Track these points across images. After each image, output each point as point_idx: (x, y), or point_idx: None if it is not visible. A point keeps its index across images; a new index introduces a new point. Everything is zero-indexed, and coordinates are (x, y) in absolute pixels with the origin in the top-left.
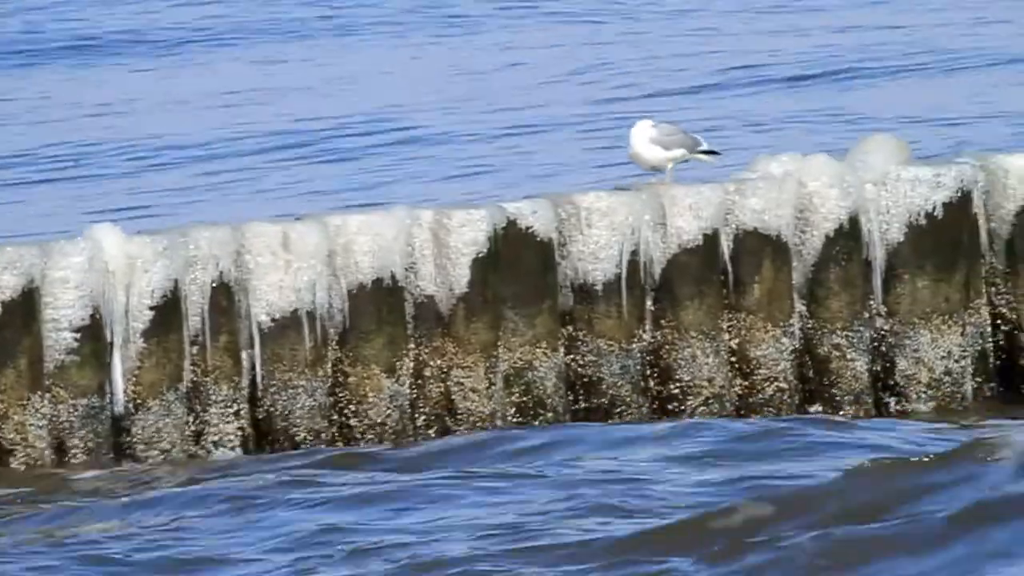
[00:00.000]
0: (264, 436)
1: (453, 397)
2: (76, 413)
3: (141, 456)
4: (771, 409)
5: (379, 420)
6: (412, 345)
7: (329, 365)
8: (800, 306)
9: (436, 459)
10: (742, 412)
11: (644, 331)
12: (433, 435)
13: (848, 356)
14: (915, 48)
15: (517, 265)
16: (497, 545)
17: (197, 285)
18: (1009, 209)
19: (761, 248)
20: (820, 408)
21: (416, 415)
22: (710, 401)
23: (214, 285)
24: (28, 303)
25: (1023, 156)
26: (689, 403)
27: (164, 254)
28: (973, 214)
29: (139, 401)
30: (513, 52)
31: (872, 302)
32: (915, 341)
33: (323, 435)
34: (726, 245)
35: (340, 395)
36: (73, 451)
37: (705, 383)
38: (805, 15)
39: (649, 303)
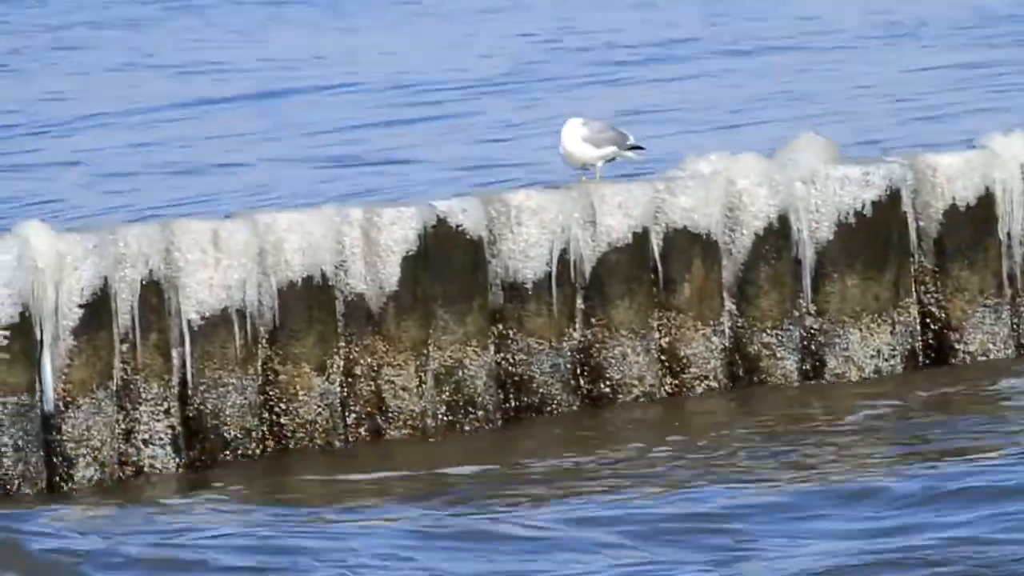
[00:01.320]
0: (194, 434)
1: (384, 395)
2: (6, 411)
3: (71, 454)
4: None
5: (310, 419)
6: (342, 343)
7: (259, 363)
8: (730, 304)
9: None
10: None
11: (574, 329)
12: (364, 433)
13: (778, 355)
14: None
15: (447, 263)
16: None
17: (127, 283)
18: (938, 208)
19: (691, 246)
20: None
21: (347, 413)
22: (641, 400)
23: (144, 283)
24: None
25: (952, 155)
26: (620, 401)
27: (94, 251)
28: (902, 212)
29: (69, 399)
30: None
31: (802, 300)
32: (845, 340)
33: (254, 433)
34: (656, 243)
35: (270, 393)
36: (2, 448)
37: (636, 381)
38: None
39: (579, 301)
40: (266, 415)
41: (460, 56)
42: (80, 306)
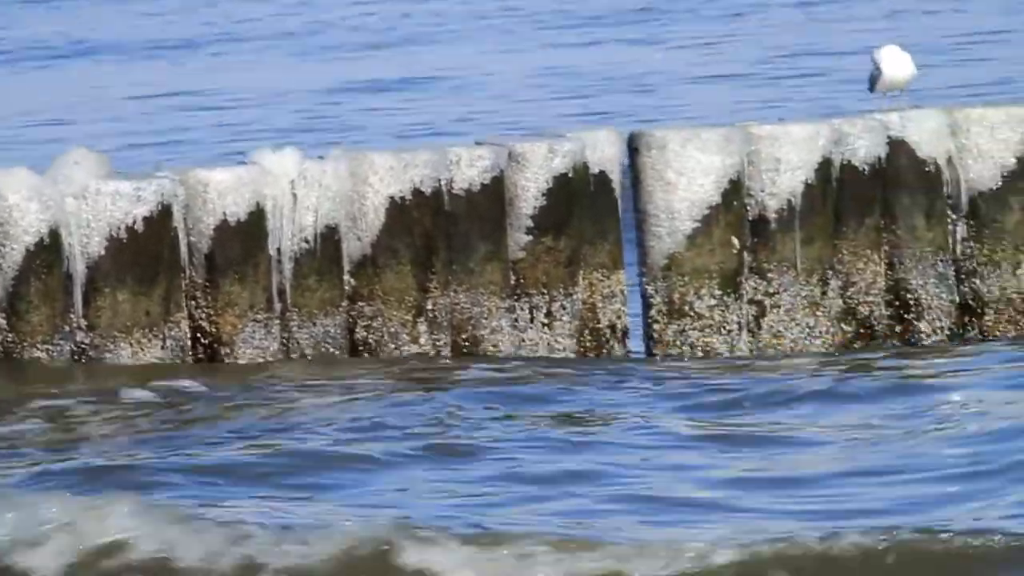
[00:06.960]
0: None
1: None
2: None
3: None
4: None
5: None
6: None
7: None
8: (1, 320)
9: None
10: None
11: None
12: None
13: None
14: None
15: None
16: None
17: None
18: (209, 223)
19: None
20: None
21: None
22: None
23: None
24: None
25: (223, 171)
26: None
27: None
28: (173, 228)
29: None
30: None
31: (73, 315)
32: (116, 355)
33: None
34: None
35: None
36: None
37: None
38: None
39: None
40: None
41: None
42: None
